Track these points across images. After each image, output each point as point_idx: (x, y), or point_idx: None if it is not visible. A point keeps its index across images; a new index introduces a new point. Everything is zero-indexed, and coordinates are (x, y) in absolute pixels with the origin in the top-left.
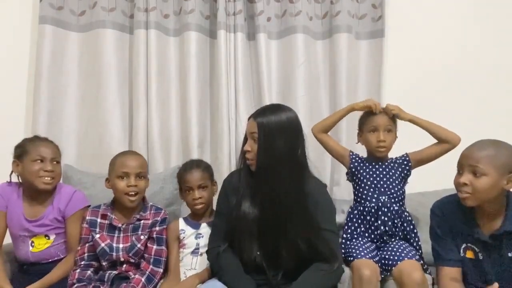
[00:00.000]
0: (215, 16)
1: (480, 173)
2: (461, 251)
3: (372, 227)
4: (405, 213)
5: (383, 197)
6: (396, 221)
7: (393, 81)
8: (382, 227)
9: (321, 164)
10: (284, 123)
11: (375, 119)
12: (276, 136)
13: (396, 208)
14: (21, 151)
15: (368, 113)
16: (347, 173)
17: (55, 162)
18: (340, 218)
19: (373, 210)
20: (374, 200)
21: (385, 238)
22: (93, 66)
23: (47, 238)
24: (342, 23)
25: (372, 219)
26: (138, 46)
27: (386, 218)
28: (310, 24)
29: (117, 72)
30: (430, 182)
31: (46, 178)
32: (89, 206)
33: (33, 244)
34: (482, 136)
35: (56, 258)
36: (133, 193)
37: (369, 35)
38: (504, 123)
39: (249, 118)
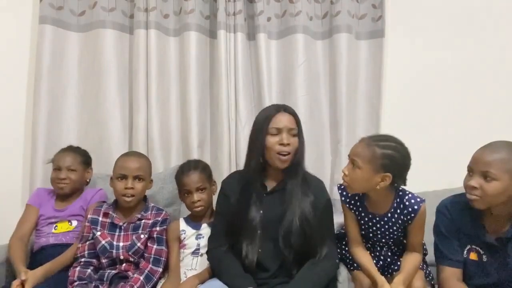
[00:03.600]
0: (215, 16)
1: (491, 177)
2: (465, 252)
3: (368, 233)
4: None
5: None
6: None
7: (393, 81)
8: (377, 232)
9: (321, 164)
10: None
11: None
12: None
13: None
14: (52, 160)
15: None
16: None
17: (71, 170)
18: (340, 218)
19: (366, 219)
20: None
21: (382, 242)
22: (93, 66)
23: (69, 223)
24: (342, 23)
25: (368, 224)
26: (138, 46)
27: (382, 223)
28: (310, 24)
29: (117, 72)
30: (430, 182)
31: (60, 184)
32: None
33: (56, 227)
34: (482, 135)
35: (71, 244)
36: (129, 195)
37: (369, 35)
38: (504, 123)
39: (275, 113)
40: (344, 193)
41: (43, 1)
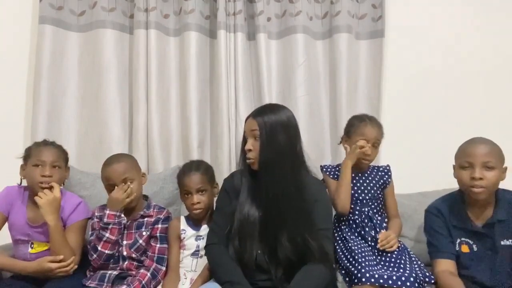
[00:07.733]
0: (215, 16)
1: (491, 167)
2: (457, 245)
3: (359, 237)
4: (384, 223)
5: (366, 209)
6: (378, 230)
7: (393, 81)
8: (366, 236)
9: (321, 164)
10: (283, 120)
11: (365, 131)
12: (278, 131)
13: (379, 218)
14: (26, 154)
15: (360, 121)
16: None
17: (56, 167)
18: None
19: (357, 221)
20: (357, 212)
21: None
22: (93, 66)
23: (47, 242)
24: (342, 23)
25: (358, 229)
26: (138, 46)
27: (373, 231)
28: (310, 24)
29: (117, 72)
30: (430, 182)
31: (43, 184)
32: (90, 218)
33: (32, 245)
34: (482, 135)
35: None
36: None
37: (369, 35)
38: (504, 122)
39: (247, 119)
40: (329, 169)
41: (43, 1)
